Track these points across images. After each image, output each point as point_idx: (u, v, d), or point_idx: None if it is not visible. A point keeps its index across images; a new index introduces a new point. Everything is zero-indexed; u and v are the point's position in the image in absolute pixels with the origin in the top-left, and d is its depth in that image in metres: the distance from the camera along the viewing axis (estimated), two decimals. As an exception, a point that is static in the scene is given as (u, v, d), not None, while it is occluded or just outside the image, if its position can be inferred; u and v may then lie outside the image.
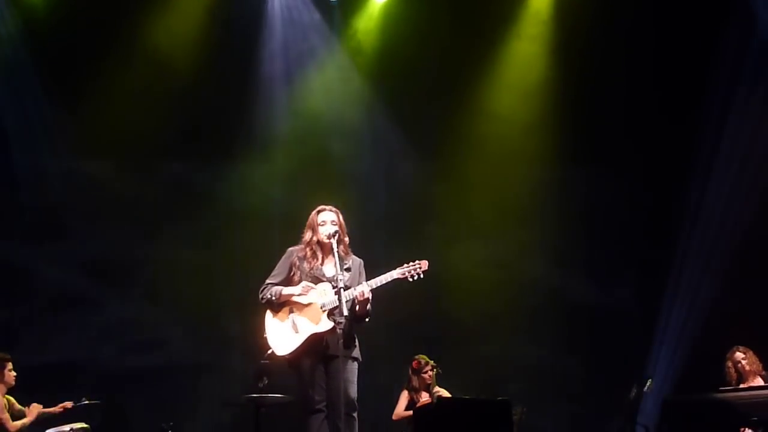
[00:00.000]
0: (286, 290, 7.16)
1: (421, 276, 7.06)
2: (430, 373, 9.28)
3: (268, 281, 7.26)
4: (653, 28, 10.95)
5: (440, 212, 11.23)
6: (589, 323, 11.08)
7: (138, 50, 10.53)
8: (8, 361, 9.01)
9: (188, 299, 10.53)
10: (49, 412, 9.01)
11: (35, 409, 8.94)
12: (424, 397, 9.22)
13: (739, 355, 9.30)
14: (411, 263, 7.08)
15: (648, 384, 9.39)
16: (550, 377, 11.01)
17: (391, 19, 11.07)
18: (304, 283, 7.10)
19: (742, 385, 9.06)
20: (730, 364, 9.32)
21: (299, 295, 7.09)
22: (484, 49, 11.19)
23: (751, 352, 9.30)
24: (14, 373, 9.01)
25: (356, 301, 7.00)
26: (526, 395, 9.92)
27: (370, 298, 7.04)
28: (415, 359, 9.42)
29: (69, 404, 9.05)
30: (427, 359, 9.41)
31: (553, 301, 11.24)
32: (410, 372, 9.40)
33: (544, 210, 11.32)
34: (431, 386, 9.20)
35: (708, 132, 10.95)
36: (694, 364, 10.35)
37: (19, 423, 8.86)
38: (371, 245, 9.38)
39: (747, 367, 9.22)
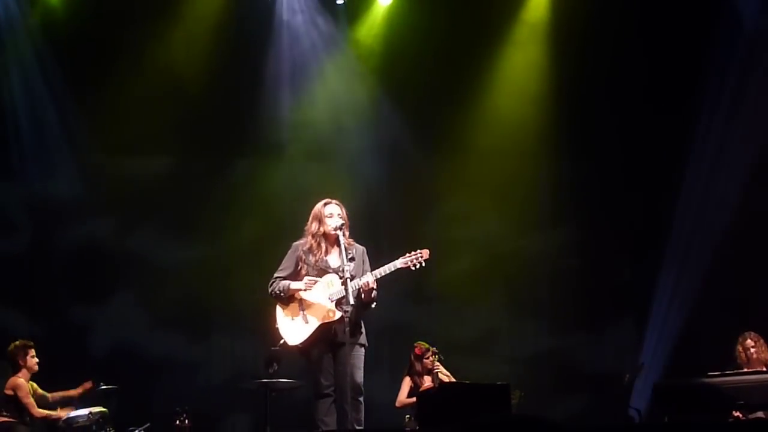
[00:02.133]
0: (294, 285, 7.36)
1: (423, 265, 7.30)
2: (432, 358, 9.45)
3: (276, 275, 7.47)
4: (642, 31, 11.11)
5: (441, 207, 11.42)
6: (585, 309, 11.26)
7: (150, 56, 10.65)
8: (31, 347, 9.09)
9: (200, 289, 10.70)
10: (69, 395, 9.13)
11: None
12: (426, 382, 9.38)
13: (749, 342, 9.27)
14: (413, 253, 7.33)
15: (640, 369, 9.59)
16: (546, 362, 11.20)
17: (395, 21, 11.18)
18: (307, 279, 7.33)
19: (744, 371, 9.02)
20: (740, 348, 9.29)
21: (305, 290, 7.34)
22: (485, 51, 11.32)
23: (762, 341, 9.28)
24: (37, 359, 9.09)
25: (362, 290, 7.24)
26: (523, 380, 10.10)
27: (376, 287, 7.29)
28: (417, 345, 9.57)
29: (89, 385, 9.16)
30: (428, 345, 9.62)
31: (550, 289, 11.44)
32: (412, 358, 9.55)
33: (541, 202, 11.52)
34: (432, 370, 9.38)
35: (701, 123, 11.05)
36: (685, 349, 10.50)
37: (45, 412, 8.95)
38: (375, 237, 9.65)
39: (755, 355, 9.21)
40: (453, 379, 9.38)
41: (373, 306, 7.41)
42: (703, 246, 10.94)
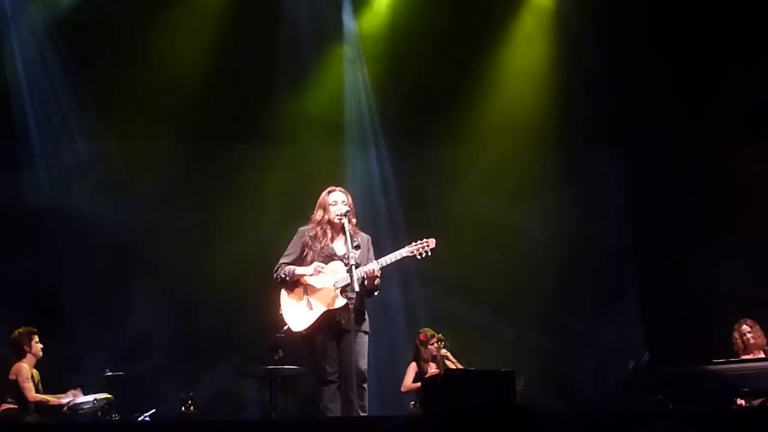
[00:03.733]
0: (299, 270, 7.40)
1: (429, 254, 7.38)
2: (437, 344, 9.46)
3: (281, 260, 7.52)
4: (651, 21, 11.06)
5: (446, 196, 11.42)
6: (589, 296, 11.31)
7: (154, 44, 10.59)
8: (35, 333, 9.09)
9: (206, 277, 10.65)
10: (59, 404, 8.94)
11: (67, 397, 8.92)
12: (432, 368, 9.39)
13: (745, 328, 9.35)
14: (419, 241, 7.40)
15: (645, 356, 9.62)
16: (551, 349, 11.20)
17: (400, 9, 11.10)
18: (315, 264, 7.36)
19: (744, 357, 9.14)
20: (736, 335, 9.38)
21: (311, 275, 7.37)
22: (491, 39, 11.31)
23: (758, 326, 9.35)
24: (41, 345, 9.09)
25: (366, 277, 7.28)
26: (527, 366, 10.09)
27: (380, 274, 7.33)
28: (422, 332, 9.58)
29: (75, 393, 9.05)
30: (433, 332, 9.65)
31: (555, 275, 11.42)
32: (417, 344, 9.57)
33: (545, 189, 11.51)
34: (437, 356, 9.40)
35: (711, 114, 10.95)
36: (689, 336, 10.48)
37: (40, 396, 8.92)
38: (382, 224, 9.69)
39: (752, 341, 9.29)
40: (459, 366, 9.40)
41: (375, 294, 7.46)
42: (709, 233, 10.92)
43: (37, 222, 10.74)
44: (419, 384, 9.19)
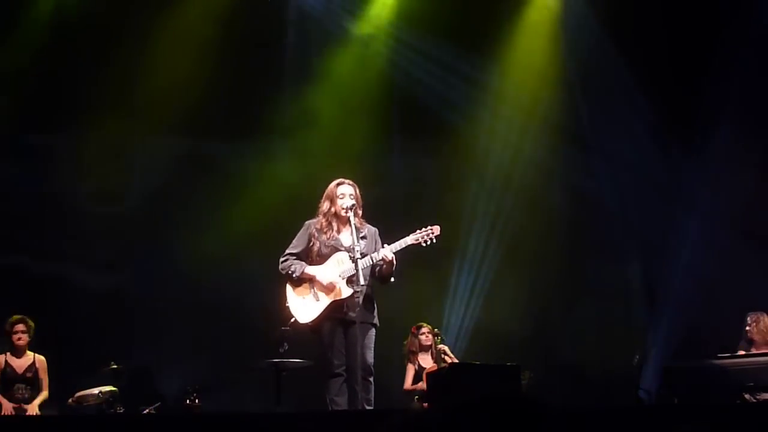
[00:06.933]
0: (308, 270, 7.42)
1: (434, 241, 7.41)
2: (428, 335, 9.44)
3: (288, 252, 7.54)
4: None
5: (451, 186, 11.40)
6: (593, 290, 11.31)
7: (157, 39, 10.63)
8: (16, 323, 8.85)
9: (212, 270, 10.66)
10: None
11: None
12: (425, 358, 9.38)
13: (752, 320, 9.34)
14: (424, 229, 7.42)
15: (650, 351, 9.63)
16: (557, 343, 11.19)
17: (405, 3, 11.14)
18: (329, 284, 7.38)
19: (752, 350, 9.11)
20: (747, 328, 9.32)
21: (320, 278, 7.37)
22: (496, 33, 11.30)
23: (763, 320, 9.31)
24: (19, 336, 8.83)
25: (383, 262, 7.30)
26: (530, 361, 10.06)
27: (394, 260, 7.34)
28: (414, 325, 9.60)
29: None
30: (424, 323, 9.56)
31: (559, 271, 11.39)
32: (410, 336, 9.53)
33: (551, 189, 11.50)
34: (432, 347, 9.37)
35: (711, 108, 10.99)
36: (695, 331, 10.48)
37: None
38: (385, 217, 9.65)
39: (757, 335, 9.25)
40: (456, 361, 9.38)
41: (392, 280, 7.46)
42: (713, 229, 10.92)
43: (37, 215, 10.75)
44: (419, 384, 9.17)
